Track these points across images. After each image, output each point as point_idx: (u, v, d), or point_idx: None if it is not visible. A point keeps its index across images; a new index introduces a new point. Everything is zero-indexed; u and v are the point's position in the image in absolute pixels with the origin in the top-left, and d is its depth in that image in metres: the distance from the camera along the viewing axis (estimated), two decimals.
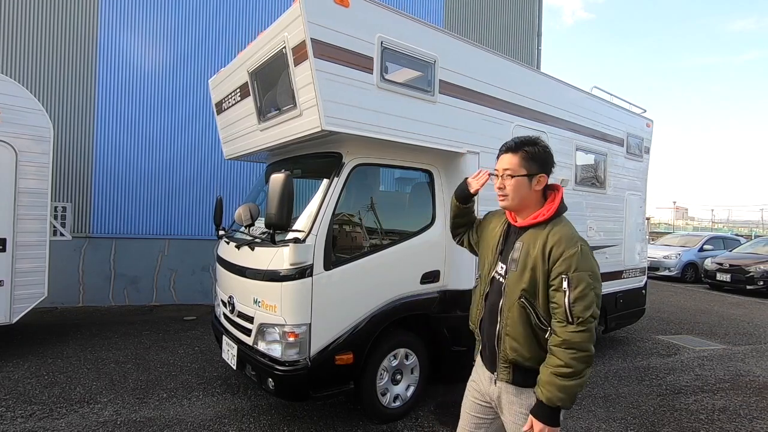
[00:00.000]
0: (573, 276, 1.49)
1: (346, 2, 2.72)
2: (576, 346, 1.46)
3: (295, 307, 2.76)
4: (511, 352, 1.60)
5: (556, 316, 1.52)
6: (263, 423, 3.16)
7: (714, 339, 6.06)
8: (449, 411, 3.43)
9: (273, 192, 2.57)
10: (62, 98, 6.33)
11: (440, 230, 3.41)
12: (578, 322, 1.47)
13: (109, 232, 6.55)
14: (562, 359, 1.47)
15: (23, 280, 4.35)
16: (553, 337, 1.51)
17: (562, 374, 1.46)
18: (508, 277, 1.64)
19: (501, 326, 1.63)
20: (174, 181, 6.89)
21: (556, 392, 1.46)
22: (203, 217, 7.01)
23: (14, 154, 4.28)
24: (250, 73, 3.33)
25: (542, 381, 1.51)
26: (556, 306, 1.51)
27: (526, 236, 1.64)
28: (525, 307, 1.57)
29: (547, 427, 1.49)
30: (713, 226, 46.03)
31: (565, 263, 1.51)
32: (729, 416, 3.58)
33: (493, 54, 3.78)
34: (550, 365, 1.50)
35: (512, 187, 1.66)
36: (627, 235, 5.31)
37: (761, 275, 9.96)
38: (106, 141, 6.53)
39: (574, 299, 1.48)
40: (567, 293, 1.48)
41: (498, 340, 1.64)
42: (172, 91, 6.87)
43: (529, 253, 1.59)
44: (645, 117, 5.77)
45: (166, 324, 5.67)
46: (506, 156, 1.70)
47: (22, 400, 3.38)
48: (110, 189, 6.55)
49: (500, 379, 1.65)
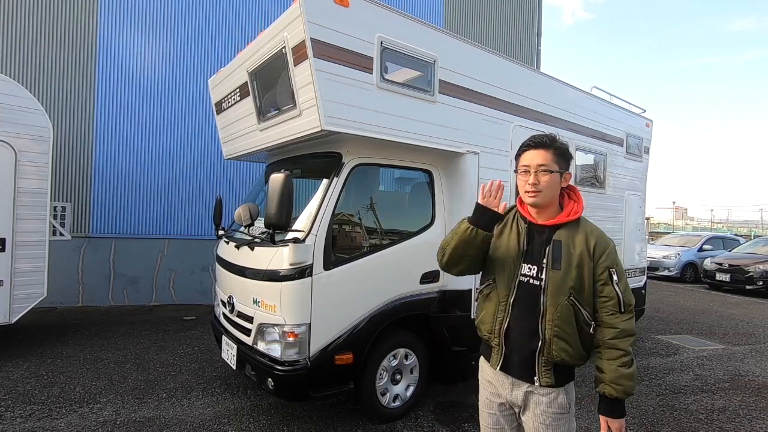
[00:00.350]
0: (617, 269, 1.59)
1: (345, 2, 2.72)
2: (631, 333, 1.56)
3: (294, 307, 2.76)
4: (560, 353, 1.56)
5: (607, 309, 1.57)
6: (263, 423, 3.16)
7: (713, 339, 6.07)
8: (449, 411, 3.43)
9: (272, 192, 2.56)
10: (62, 98, 6.32)
11: (440, 230, 3.41)
12: (629, 309, 1.57)
13: (109, 231, 6.55)
14: (624, 348, 1.54)
15: (23, 280, 4.35)
16: (606, 331, 1.56)
17: (627, 363, 1.53)
18: (549, 276, 1.58)
19: (545, 328, 1.57)
20: (173, 181, 6.89)
21: (627, 383, 1.52)
22: (203, 217, 7.01)
23: (14, 154, 4.28)
24: (250, 72, 3.33)
25: (611, 378, 1.52)
26: (607, 299, 1.57)
27: (562, 234, 1.62)
28: (573, 305, 1.56)
29: (623, 421, 1.55)
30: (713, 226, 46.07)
31: (609, 258, 1.60)
32: (728, 416, 3.58)
33: (492, 54, 3.78)
34: (612, 359, 1.54)
35: (547, 183, 1.60)
36: (626, 235, 5.31)
37: (760, 275, 9.97)
38: (106, 141, 6.53)
39: (623, 289, 1.58)
40: (617, 285, 1.57)
41: (542, 344, 1.57)
42: (172, 91, 6.87)
43: (571, 251, 1.58)
44: (644, 117, 5.77)
45: (166, 324, 5.67)
46: (538, 152, 1.63)
47: (21, 400, 3.38)
48: (110, 189, 6.55)
49: (543, 383, 1.58)
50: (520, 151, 1.71)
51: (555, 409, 1.59)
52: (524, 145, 1.69)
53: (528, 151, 1.66)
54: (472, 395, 3.78)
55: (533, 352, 1.59)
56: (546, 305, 1.57)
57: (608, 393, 1.53)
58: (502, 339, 1.66)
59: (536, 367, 1.59)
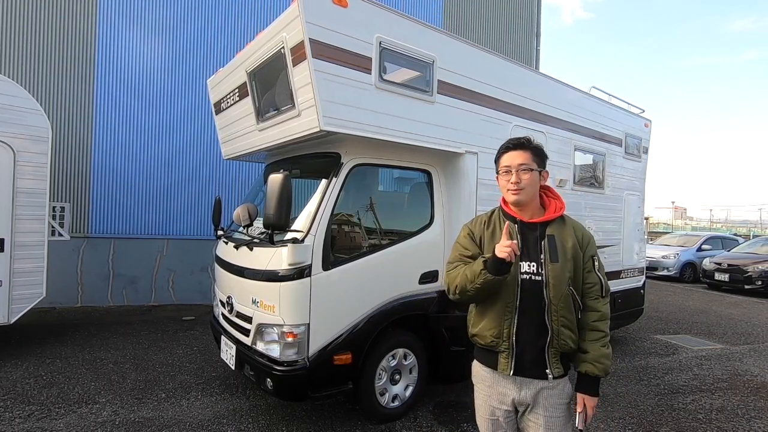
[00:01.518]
0: (597, 257, 1.75)
1: (344, 2, 2.72)
2: (608, 316, 1.72)
3: (293, 308, 2.76)
4: (567, 341, 1.65)
5: (591, 294, 1.70)
6: (262, 423, 3.16)
7: (712, 339, 6.07)
8: (448, 411, 3.44)
9: (271, 192, 2.57)
10: (61, 98, 6.32)
11: (438, 230, 3.41)
12: (607, 294, 1.73)
13: (108, 232, 6.55)
14: (604, 330, 1.69)
15: (21, 281, 4.34)
16: (591, 314, 1.69)
17: (605, 344, 1.68)
18: (549, 270, 1.65)
19: (551, 320, 1.63)
20: (173, 182, 6.89)
21: (607, 361, 1.66)
22: (202, 217, 7.01)
23: (12, 154, 4.28)
24: (249, 73, 3.33)
25: (592, 357, 1.65)
26: (591, 284, 1.71)
27: (554, 229, 1.72)
28: (571, 294, 1.67)
29: (596, 399, 1.69)
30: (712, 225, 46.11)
31: (592, 247, 1.75)
32: (727, 416, 3.59)
33: (491, 54, 3.78)
34: (594, 340, 1.67)
35: (528, 181, 1.70)
36: (625, 235, 5.31)
37: (759, 275, 9.98)
38: (105, 141, 6.52)
39: (603, 275, 1.74)
40: (599, 272, 1.72)
41: (551, 337, 1.63)
42: (171, 91, 6.87)
43: (564, 245, 1.68)
44: (643, 117, 5.78)
45: (165, 324, 5.67)
46: (517, 152, 1.73)
47: (20, 401, 3.38)
48: (109, 189, 6.54)
49: (556, 375, 1.65)
50: (499, 153, 1.82)
51: (565, 399, 1.69)
52: (503, 148, 1.81)
53: (507, 152, 1.77)
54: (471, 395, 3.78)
55: (543, 347, 1.65)
56: (549, 298, 1.64)
57: (590, 371, 1.66)
58: (512, 341, 1.66)
59: (547, 361, 1.65)
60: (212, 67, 6.62)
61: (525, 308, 1.66)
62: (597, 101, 5.01)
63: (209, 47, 7.01)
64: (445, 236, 3.43)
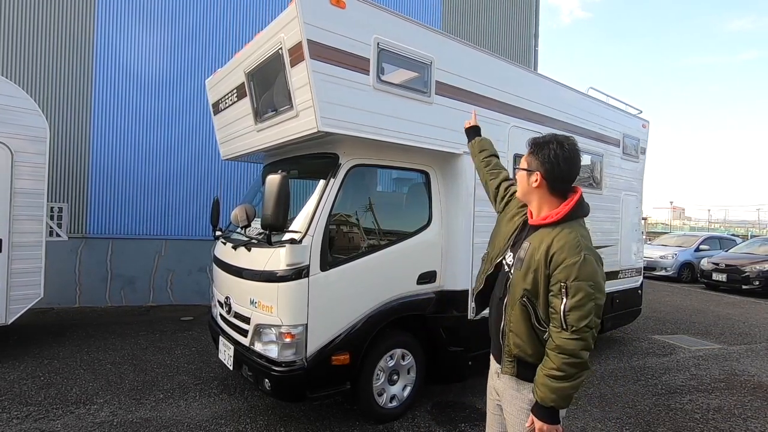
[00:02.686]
0: (572, 285, 1.48)
1: (342, 3, 2.72)
2: (568, 353, 1.47)
3: (291, 308, 2.76)
4: (515, 348, 1.63)
5: (553, 321, 1.54)
6: (260, 424, 3.17)
7: (709, 339, 6.09)
8: (446, 411, 3.44)
9: (269, 193, 2.57)
10: (58, 98, 6.31)
11: (437, 231, 3.42)
12: (572, 330, 1.47)
13: (106, 232, 6.54)
14: (555, 363, 1.49)
15: (19, 281, 4.33)
16: (549, 341, 1.54)
17: (555, 377, 1.49)
18: (513, 273, 1.66)
19: (505, 322, 1.67)
20: (171, 182, 6.88)
21: (549, 393, 1.50)
22: (200, 218, 7.01)
23: (10, 155, 4.27)
24: (247, 73, 3.33)
25: (537, 381, 1.55)
26: (554, 312, 1.53)
27: (535, 237, 1.64)
28: (526, 307, 1.60)
29: (545, 425, 1.53)
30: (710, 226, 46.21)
31: (565, 271, 1.50)
32: (724, 416, 3.60)
33: (489, 55, 3.79)
34: (545, 367, 1.53)
35: (518, 180, 1.76)
36: (623, 235, 5.33)
37: (757, 275, 10.01)
38: (103, 141, 6.51)
39: (570, 308, 1.48)
40: (564, 301, 1.49)
41: (503, 335, 1.68)
42: (169, 91, 6.86)
43: (533, 255, 1.59)
44: (641, 118, 5.79)
45: (163, 324, 5.66)
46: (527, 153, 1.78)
47: (18, 402, 3.37)
48: (107, 189, 6.53)
49: (504, 372, 1.68)
50: None
51: (525, 403, 1.64)
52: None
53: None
54: (469, 395, 3.80)
55: (499, 342, 1.72)
56: (508, 299, 1.68)
57: (534, 392, 1.57)
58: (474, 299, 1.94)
59: (501, 356, 1.71)
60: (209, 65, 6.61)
61: (496, 300, 1.78)
62: (595, 102, 5.02)
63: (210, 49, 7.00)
64: (443, 237, 3.44)
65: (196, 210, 7.02)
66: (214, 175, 7.11)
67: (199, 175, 7.04)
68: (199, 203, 7.02)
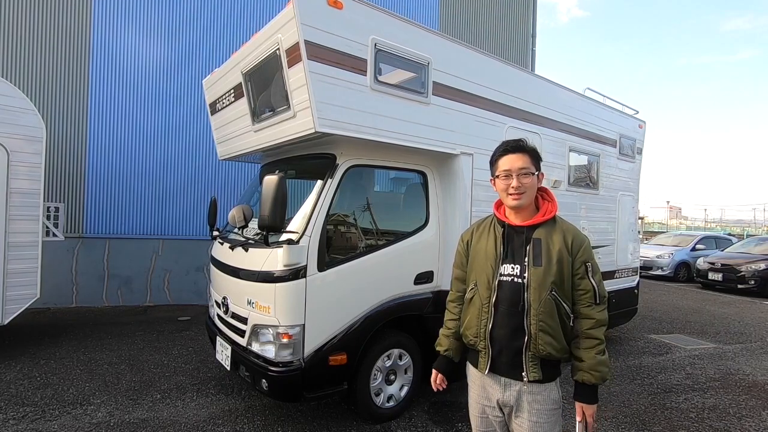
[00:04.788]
0: (591, 263, 1.69)
1: (339, 4, 2.73)
2: (604, 323, 1.67)
3: (288, 309, 2.76)
4: (546, 347, 1.62)
5: (584, 302, 1.66)
6: (257, 424, 3.17)
7: (705, 338, 6.13)
8: (442, 410, 3.45)
9: (266, 193, 2.57)
10: (55, 98, 6.29)
11: (434, 231, 3.43)
12: (602, 300, 1.67)
13: (103, 232, 6.52)
14: (599, 337, 1.64)
15: (15, 281, 4.32)
16: (584, 321, 1.66)
17: (601, 351, 1.64)
18: (531, 273, 1.64)
19: (530, 324, 1.62)
20: (168, 181, 6.87)
21: (604, 368, 1.63)
22: (197, 218, 7.00)
23: (6, 155, 4.25)
24: (244, 74, 3.33)
25: (589, 365, 1.62)
26: (584, 292, 1.66)
27: (541, 233, 1.69)
28: (555, 299, 1.63)
29: (595, 407, 1.67)
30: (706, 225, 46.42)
31: (586, 253, 1.69)
32: (718, 414, 3.63)
33: (486, 56, 3.80)
34: (590, 348, 1.63)
35: (529, 185, 1.70)
36: (619, 235, 5.35)
37: (752, 275, 10.07)
38: (99, 141, 6.50)
39: (598, 283, 1.68)
40: (592, 278, 1.67)
41: (528, 340, 1.62)
42: (166, 91, 6.85)
43: (550, 248, 1.65)
44: (637, 118, 5.82)
45: (160, 324, 5.65)
46: (517, 156, 1.71)
47: (14, 402, 3.36)
48: (103, 189, 6.52)
49: (531, 377, 1.63)
50: (496, 156, 1.79)
51: (550, 405, 1.66)
52: (500, 150, 1.77)
53: (506, 155, 1.74)
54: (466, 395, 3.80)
55: (520, 349, 1.65)
56: (530, 301, 1.63)
57: (587, 380, 1.63)
58: (488, 341, 1.71)
59: (524, 364, 1.64)
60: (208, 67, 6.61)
61: (503, 310, 1.68)
62: (591, 102, 5.04)
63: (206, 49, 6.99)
64: (440, 237, 3.45)
65: (193, 209, 7.01)
66: (211, 174, 7.10)
67: (197, 175, 7.02)
68: (197, 203, 7.01)
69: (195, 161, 7.01)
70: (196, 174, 7.02)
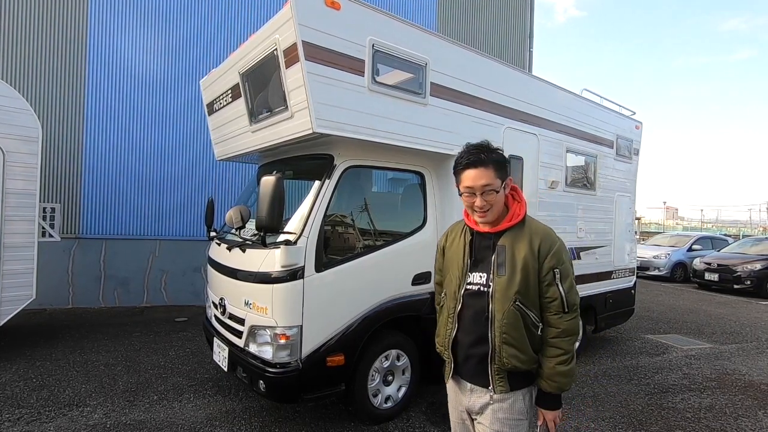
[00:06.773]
0: (561, 269, 1.59)
1: (337, 5, 2.72)
2: (572, 332, 1.58)
3: (286, 309, 2.76)
4: (510, 360, 1.55)
5: (551, 309, 1.58)
6: (255, 425, 3.16)
7: (701, 338, 6.15)
8: (440, 411, 3.45)
9: (264, 194, 2.57)
10: (51, 98, 6.26)
11: (431, 231, 3.43)
12: (572, 309, 1.58)
13: (99, 232, 6.49)
14: (564, 347, 1.56)
15: (11, 282, 4.30)
16: (550, 330, 1.58)
17: (565, 361, 1.56)
18: (496, 283, 1.58)
19: (494, 336, 1.56)
20: (165, 182, 6.85)
21: (563, 379, 1.56)
22: (194, 218, 6.98)
23: (1, 155, 4.23)
24: (242, 74, 3.32)
25: (547, 374, 1.57)
26: (551, 299, 1.58)
27: (506, 239, 1.61)
28: (519, 309, 1.55)
29: (557, 412, 1.62)
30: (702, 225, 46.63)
31: (554, 258, 1.58)
32: (715, 414, 3.64)
33: (484, 57, 3.80)
34: (551, 357, 1.57)
35: (494, 201, 1.59)
36: (616, 235, 5.37)
37: (748, 275, 10.13)
38: (96, 141, 6.47)
39: (568, 289, 1.58)
40: (561, 285, 1.57)
41: (492, 352, 1.57)
42: (163, 91, 6.83)
43: (515, 255, 1.57)
44: (634, 119, 5.84)
45: (157, 325, 5.64)
46: (478, 171, 1.57)
47: (9, 404, 3.34)
48: (100, 189, 6.49)
49: (498, 390, 1.58)
50: (458, 168, 1.65)
51: (515, 415, 1.60)
52: (462, 164, 1.62)
53: (467, 170, 1.60)
54: None
55: (485, 357, 1.59)
56: (494, 312, 1.57)
57: (543, 388, 1.60)
58: (450, 352, 1.69)
59: (490, 376, 1.59)
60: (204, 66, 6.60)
61: (467, 319, 1.63)
62: (589, 103, 5.05)
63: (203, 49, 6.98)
64: (438, 237, 3.44)
65: (190, 210, 6.98)
66: (208, 175, 7.08)
67: (194, 176, 7.00)
68: (194, 203, 6.99)
69: (192, 162, 6.99)
70: (193, 174, 7.00)
